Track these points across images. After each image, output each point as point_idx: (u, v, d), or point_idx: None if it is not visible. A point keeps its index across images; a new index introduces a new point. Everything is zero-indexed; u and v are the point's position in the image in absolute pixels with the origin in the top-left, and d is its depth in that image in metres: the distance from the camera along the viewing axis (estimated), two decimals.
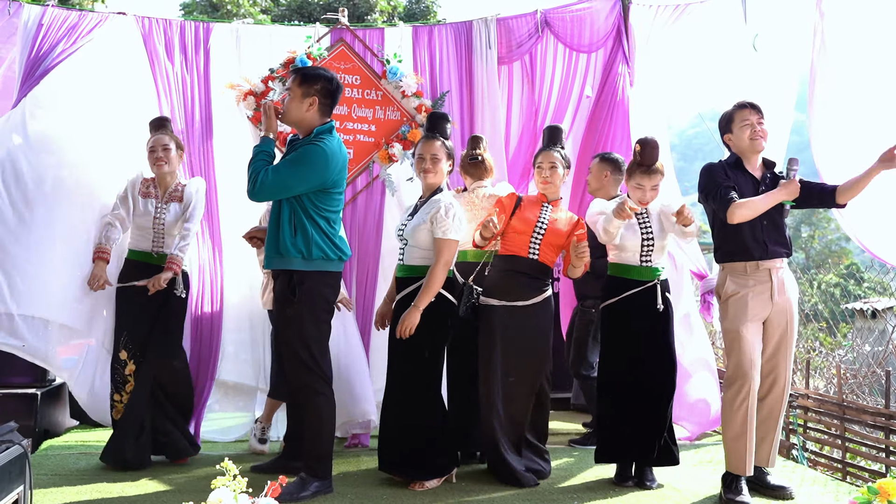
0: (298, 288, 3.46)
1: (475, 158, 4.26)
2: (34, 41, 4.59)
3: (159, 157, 4.24)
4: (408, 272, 3.83)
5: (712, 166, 3.80)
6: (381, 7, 16.14)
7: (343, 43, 5.16)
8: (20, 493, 2.70)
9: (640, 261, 3.88)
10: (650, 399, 3.83)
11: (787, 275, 3.72)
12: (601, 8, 5.23)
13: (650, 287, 3.86)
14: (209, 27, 5.06)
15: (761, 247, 3.65)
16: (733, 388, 3.61)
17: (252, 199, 3.52)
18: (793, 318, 3.71)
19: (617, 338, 3.92)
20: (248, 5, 15.97)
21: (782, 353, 3.69)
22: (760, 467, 3.74)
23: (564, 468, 4.21)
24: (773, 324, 3.68)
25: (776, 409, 3.71)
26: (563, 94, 5.30)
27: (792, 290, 3.72)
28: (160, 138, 4.28)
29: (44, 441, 4.74)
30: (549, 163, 4.01)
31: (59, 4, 4.93)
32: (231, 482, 2.55)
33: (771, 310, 3.66)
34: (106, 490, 3.70)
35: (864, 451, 4.66)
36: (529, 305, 3.91)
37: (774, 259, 3.67)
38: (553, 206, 4.03)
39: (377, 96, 5.14)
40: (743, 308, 3.64)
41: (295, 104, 3.54)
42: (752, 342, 3.61)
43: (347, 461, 4.31)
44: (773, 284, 3.65)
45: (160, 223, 4.23)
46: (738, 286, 3.67)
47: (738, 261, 3.69)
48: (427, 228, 3.75)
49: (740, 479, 3.62)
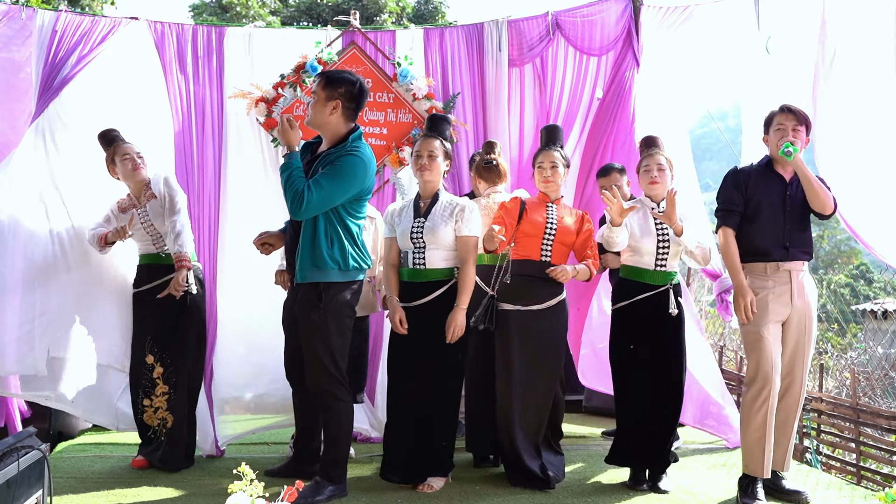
0: (325, 294, 3.46)
1: (489, 163, 4.26)
2: (49, 49, 4.62)
3: (136, 164, 4.21)
4: (430, 276, 3.79)
5: (735, 171, 3.79)
6: (391, 8, 16.15)
7: (354, 46, 5.17)
8: (39, 497, 2.72)
9: (654, 265, 3.88)
10: (656, 405, 3.83)
11: (806, 278, 3.70)
12: (612, 10, 5.22)
13: (662, 292, 3.86)
14: (222, 31, 5.07)
15: (782, 249, 3.63)
16: (753, 389, 3.59)
17: (297, 218, 3.47)
18: (811, 322, 3.68)
19: (626, 342, 3.92)
20: (257, 6, 16.02)
21: (799, 357, 3.67)
22: (776, 471, 3.72)
23: (578, 471, 4.21)
24: (792, 327, 3.65)
25: (792, 412, 3.70)
26: (574, 97, 5.30)
27: (811, 294, 3.70)
28: (127, 147, 4.24)
29: (58, 443, 4.77)
30: (550, 162, 4.00)
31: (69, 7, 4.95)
32: (248, 486, 2.56)
33: (790, 312, 3.64)
34: (122, 494, 3.72)
35: (879, 454, 4.64)
36: (545, 309, 3.91)
37: (795, 262, 3.65)
38: (556, 204, 4.03)
39: (389, 99, 5.15)
40: (764, 309, 3.62)
41: (318, 108, 3.52)
42: (773, 343, 3.60)
43: (360, 465, 4.32)
44: (792, 287, 3.62)
45: (149, 226, 4.20)
46: (758, 287, 3.65)
47: (759, 261, 3.67)
48: (452, 228, 3.77)
49: (757, 481, 3.60)
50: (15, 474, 2.51)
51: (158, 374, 4.14)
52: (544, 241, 3.93)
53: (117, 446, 4.70)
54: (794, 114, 3.66)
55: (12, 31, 4.76)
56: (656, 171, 3.94)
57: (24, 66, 4.76)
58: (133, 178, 4.24)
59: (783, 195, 3.66)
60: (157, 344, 4.15)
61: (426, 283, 3.79)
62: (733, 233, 3.69)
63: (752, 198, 3.69)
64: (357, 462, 4.38)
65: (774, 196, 3.65)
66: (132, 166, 4.21)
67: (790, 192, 3.66)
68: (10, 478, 2.47)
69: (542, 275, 3.91)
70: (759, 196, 3.68)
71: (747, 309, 3.60)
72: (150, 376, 4.15)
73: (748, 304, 3.59)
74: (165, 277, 4.14)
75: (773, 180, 3.70)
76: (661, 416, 3.83)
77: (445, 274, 3.79)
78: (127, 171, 4.22)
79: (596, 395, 5.55)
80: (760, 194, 3.68)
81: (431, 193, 3.88)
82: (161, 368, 4.14)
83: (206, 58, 4.98)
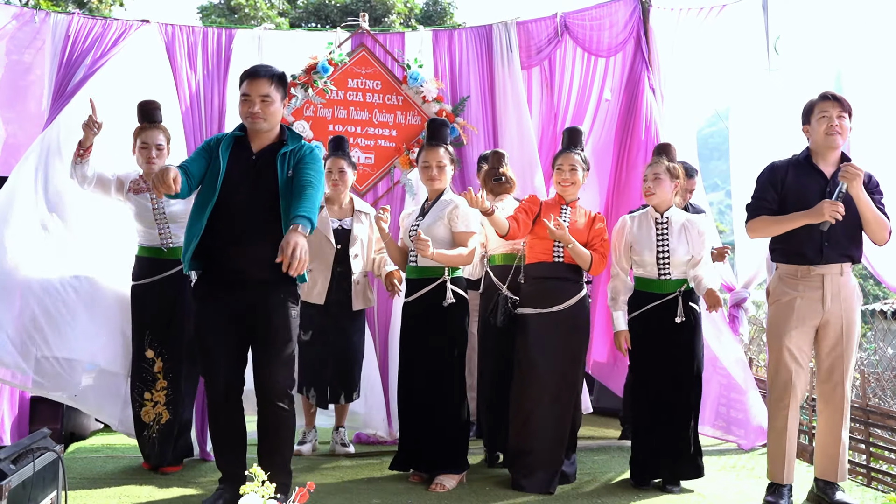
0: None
1: (499, 179, 4.29)
2: (62, 54, 4.66)
3: (151, 157, 4.15)
4: (421, 273, 3.91)
5: (771, 168, 3.61)
6: (399, 9, 16.18)
7: (364, 48, 5.19)
8: (53, 498, 2.75)
9: (658, 274, 3.89)
10: (671, 413, 3.84)
11: (846, 281, 3.50)
12: (620, 12, 5.22)
13: (671, 300, 3.85)
14: (231, 33, 5.09)
15: (817, 251, 3.46)
16: (773, 395, 3.55)
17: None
18: (851, 327, 3.49)
19: (640, 351, 3.93)
20: (265, 7, 16.07)
21: (839, 363, 3.49)
22: (830, 481, 3.56)
23: (588, 472, 4.22)
24: (828, 332, 3.50)
25: (837, 419, 3.52)
26: (582, 98, 5.29)
27: (850, 298, 3.50)
28: (154, 135, 4.18)
29: (70, 444, 4.80)
30: (570, 165, 4.01)
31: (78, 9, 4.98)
32: (259, 487, 2.58)
33: (822, 317, 3.48)
34: (134, 493, 3.74)
35: (889, 455, 4.62)
36: (565, 309, 3.89)
37: (831, 265, 3.47)
38: (571, 207, 4.04)
39: (398, 101, 5.17)
40: (788, 314, 3.50)
41: (277, 108, 3.37)
42: (794, 350, 3.48)
43: (370, 465, 4.34)
44: (824, 291, 3.46)
45: (161, 213, 4.16)
46: (788, 289, 3.52)
47: (792, 263, 3.53)
48: (444, 224, 3.87)
49: (782, 487, 3.51)
50: (31, 475, 2.54)
51: (159, 369, 4.13)
52: (555, 242, 3.93)
53: (129, 447, 4.72)
54: (838, 101, 3.47)
55: (24, 34, 4.81)
56: (651, 181, 3.93)
57: (35, 69, 4.80)
58: (146, 168, 4.19)
59: (822, 192, 3.44)
60: (156, 338, 4.13)
61: (420, 279, 3.90)
62: (761, 219, 3.49)
63: (789, 194, 3.50)
64: (367, 461, 4.40)
65: (812, 194, 3.44)
66: (146, 158, 4.17)
67: (830, 190, 3.43)
68: (25, 479, 2.50)
69: (557, 274, 3.92)
70: (797, 192, 3.48)
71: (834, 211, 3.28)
72: (151, 370, 4.13)
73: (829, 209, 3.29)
74: (166, 273, 4.12)
75: (812, 178, 3.51)
76: (674, 423, 3.83)
77: (436, 272, 3.87)
78: (142, 158, 4.19)
79: (605, 395, 5.55)
80: (798, 190, 3.48)
81: (437, 196, 4.00)
82: (161, 363, 4.13)
83: (215, 60, 5.00)
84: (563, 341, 3.88)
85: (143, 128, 4.20)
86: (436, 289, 3.85)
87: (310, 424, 4.65)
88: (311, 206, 3.12)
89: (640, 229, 3.96)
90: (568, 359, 3.90)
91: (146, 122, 4.21)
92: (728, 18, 5.07)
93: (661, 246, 3.88)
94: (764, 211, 3.53)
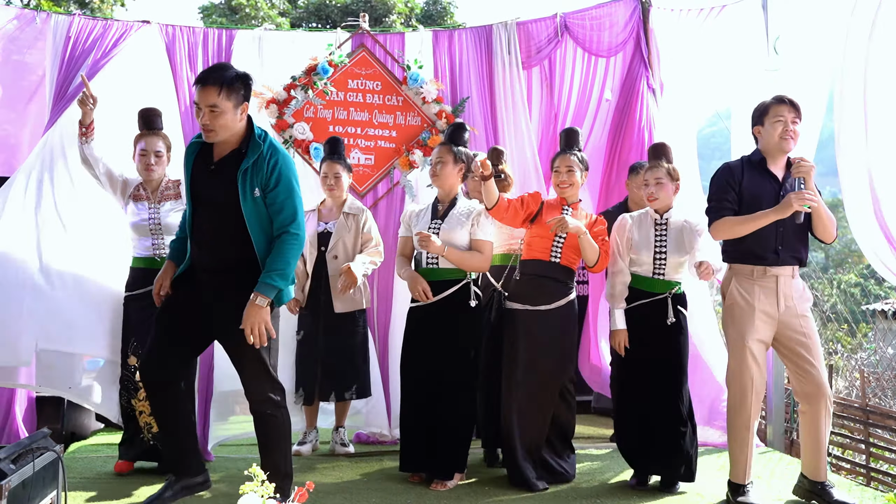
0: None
1: (497, 176, 4.30)
2: (63, 56, 4.66)
3: (150, 165, 4.13)
4: (443, 275, 3.89)
5: (727, 169, 3.61)
6: (399, 9, 16.20)
7: (364, 48, 5.20)
8: (53, 498, 2.76)
9: (652, 273, 3.90)
10: (656, 414, 3.84)
11: (796, 284, 3.55)
12: (620, 12, 5.23)
13: (661, 300, 3.86)
14: (232, 34, 5.10)
15: (773, 253, 3.49)
16: (736, 395, 3.53)
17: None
18: (808, 324, 3.53)
19: (627, 348, 3.93)
20: (266, 7, 16.08)
21: (808, 364, 3.50)
22: (823, 483, 3.56)
23: (587, 471, 4.22)
24: (789, 334, 3.51)
25: (821, 418, 3.51)
26: (583, 99, 5.31)
27: (801, 298, 3.55)
28: (153, 142, 4.15)
29: (71, 444, 4.81)
30: (567, 166, 4.02)
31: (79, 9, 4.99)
32: (259, 487, 2.58)
33: (778, 318, 3.50)
34: (134, 493, 3.74)
35: (889, 455, 4.63)
36: (553, 309, 3.93)
37: (785, 266, 3.51)
38: (573, 208, 4.05)
39: (398, 102, 5.18)
40: (749, 313, 3.49)
41: (231, 118, 3.17)
42: (755, 350, 3.48)
43: (370, 464, 4.35)
44: (778, 292, 3.49)
45: (156, 224, 4.12)
46: (744, 291, 3.52)
47: (748, 263, 3.53)
48: (468, 231, 3.89)
49: (743, 487, 3.53)
50: (30, 475, 2.55)
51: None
52: (555, 242, 3.95)
53: None
54: (793, 106, 3.49)
55: (25, 35, 4.82)
56: (654, 185, 3.92)
57: (36, 69, 4.81)
58: (144, 175, 4.18)
59: (775, 195, 3.48)
60: (140, 347, 4.04)
61: (439, 282, 3.88)
62: (726, 219, 3.47)
63: (744, 196, 3.51)
64: (367, 461, 4.41)
65: (765, 197, 3.47)
66: (145, 165, 4.14)
67: (783, 193, 3.47)
68: (25, 478, 2.51)
69: (551, 274, 3.95)
70: (751, 195, 3.50)
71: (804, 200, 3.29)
72: (133, 378, 4.06)
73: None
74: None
75: (764, 179, 3.53)
76: (660, 422, 3.83)
77: (458, 274, 3.88)
78: (140, 166, 4.17)
79: (605, 396, 5.55)
80: (752, 193, 3.50)
81: (449, 197, 4.00)
82: None
83: (216, 60, 5.00)
84: (549, 340, 3.91)
85: (142, 134, 4.19)
86: (459, 290, 3.87)
87: (311, 425, 4.65)
88: (283, 264, 3.15)
89: (640, 229, 3.97)
90: (552, 358, 3.92)
91: (146, 129, 4.20)
92: (728, 19, 5.07)
93: (659, 247, 3.90)
94: (727, 212, 3.52)
